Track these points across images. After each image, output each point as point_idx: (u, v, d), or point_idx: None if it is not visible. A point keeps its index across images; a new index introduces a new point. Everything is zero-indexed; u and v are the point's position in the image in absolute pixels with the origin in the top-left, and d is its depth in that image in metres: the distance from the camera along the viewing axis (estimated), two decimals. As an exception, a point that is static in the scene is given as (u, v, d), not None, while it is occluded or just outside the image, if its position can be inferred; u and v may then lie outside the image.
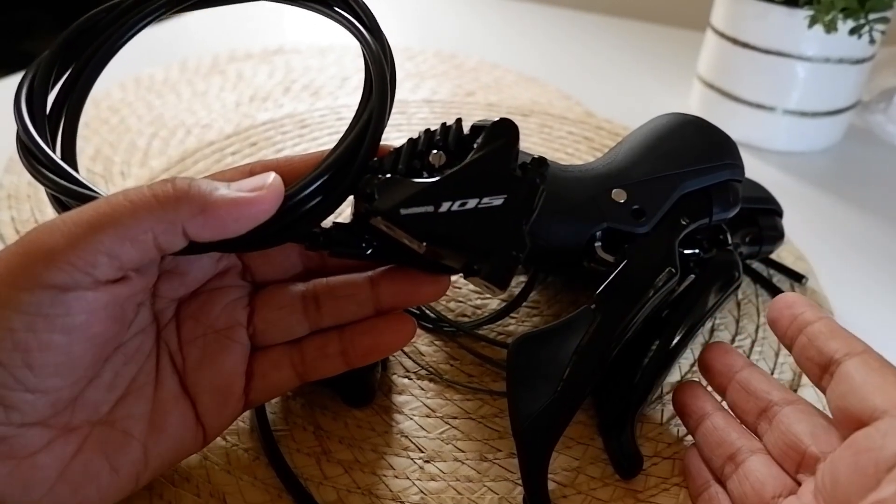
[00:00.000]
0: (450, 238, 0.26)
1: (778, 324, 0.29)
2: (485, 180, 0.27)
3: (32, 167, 0.27)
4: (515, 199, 0.27)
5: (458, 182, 0.27)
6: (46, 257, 0.21)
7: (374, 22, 0.30)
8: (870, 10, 0.50)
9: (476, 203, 0.27)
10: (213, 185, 0.23)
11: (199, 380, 0.27)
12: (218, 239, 0.24)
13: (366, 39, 0.29)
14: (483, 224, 0.26)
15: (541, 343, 0.30)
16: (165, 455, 0.26)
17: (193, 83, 0.65)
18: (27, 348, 0.21)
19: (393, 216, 0.26)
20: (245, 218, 0.23)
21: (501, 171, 0.27)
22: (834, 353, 0.26)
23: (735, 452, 0.28)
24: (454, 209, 0.26)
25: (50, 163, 0.27)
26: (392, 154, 0.28)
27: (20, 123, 0.27)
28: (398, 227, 0.26)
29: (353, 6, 0.30)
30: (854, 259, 0.47)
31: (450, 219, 0.26)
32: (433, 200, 0.26)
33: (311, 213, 0.26)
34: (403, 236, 0.26)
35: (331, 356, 0.28)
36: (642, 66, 0.77)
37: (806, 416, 0.27)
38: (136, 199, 0.22)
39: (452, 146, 0.29)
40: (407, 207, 0.26)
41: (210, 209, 0.23)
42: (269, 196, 0.24)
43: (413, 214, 0.26)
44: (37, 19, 1.48)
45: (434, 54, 0.75)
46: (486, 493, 0.30)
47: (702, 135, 0.35)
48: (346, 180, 0.26)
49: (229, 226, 0.23)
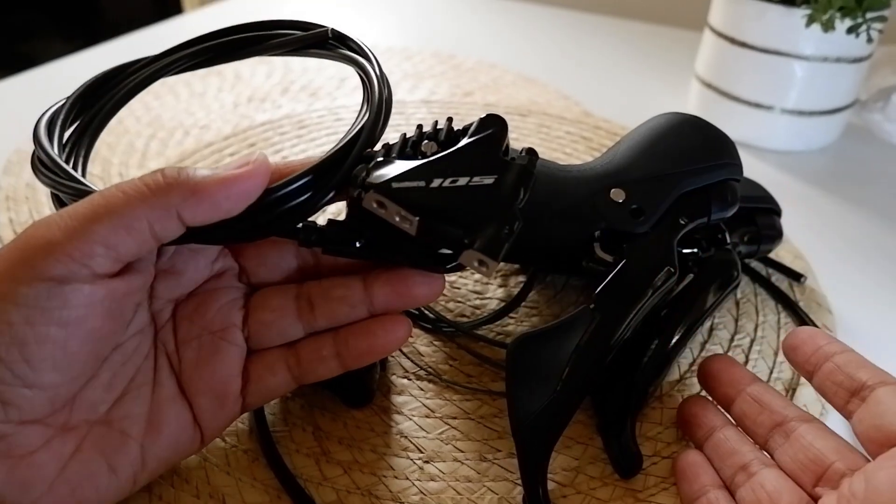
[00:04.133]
0: (442, 211, 0.26)
1: (799, 351, 0.30)
2: (476, 162, 0.28)
3: (42, 173, 0.28)
4: (506, 180, 0.27)
5: (449, 162, 0.27)
6: (44, 250, 0.22)
7: (372, 56, 0.32)
8: (867, 8, 0.50)
9: (467, 181, 0.27)
10: (203, 169, 0.24)
11: (196, 381, 0.27)
12: (213, 220, 0.24)
13: (364, 67, 0.31)
14: (474, 199, 0.27)
15: (540, 343, 0.30)
16: (163, 456, 0.26)
17: (191, 84, 0.65)
18: (24, 342, 0.22)
19: (385, 189, 0.26)
20: (236, 195, 0.24)
21: (491, 156, 0.28)
22: (865, 380, 0.27)
23: (748, 463, 0.28)
24: (445, 185, 0.27)
25: (59, 170, 0.28)
26: (383, 147, 0.29)
27: (37, 143, 0.29)
28: (390, 199, 0.26)
29: (352, 45, 0.33)
30: (852, 258, 0.47)
31: (441, 193, 0.27)
32: (425, 177, 0.27)
33: (305, 204, 0.27)
34: (396, 213, 0.26)
35: (326, 358, 0.28)
36: (640, 66, 0.77)
37: (827, 433, 0.28)
38: (129, 189, 0.23)
39: (443, 138, 0.29)
40: (399, 181, 0.26)
41: (201, 190, 0.23)
42: (256, 170, 0.24)
43: (405, 188, 0.26)
44: (35, 21, 1.48)
45: (432, 54, 0.75)
46: (486, 493, 0.30)
47: (700, 134, 0.35)
48: (340, 173, 0.27)
49: (222, 204, 0.24)
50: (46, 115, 0.31)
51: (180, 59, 0.34)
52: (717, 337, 0.38)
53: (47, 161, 0.28)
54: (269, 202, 0.26)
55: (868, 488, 0.23)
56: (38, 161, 0.29)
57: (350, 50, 0.33)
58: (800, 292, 0.42)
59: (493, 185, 0.27)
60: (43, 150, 0.29)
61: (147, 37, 0.78)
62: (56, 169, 0.28)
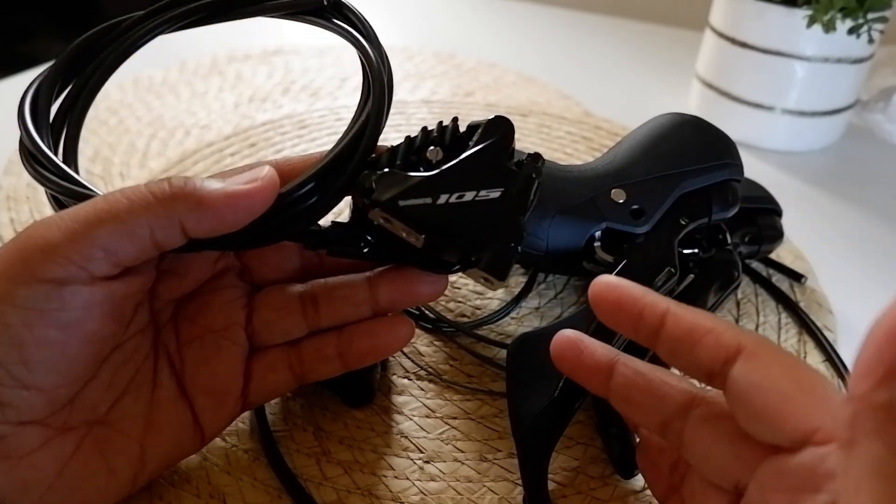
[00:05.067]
0: (448, 229, 0.26)
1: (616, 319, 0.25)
2: (482, 174, 0.27)
3: (34, 170, 0.27)
4: (512, 193, 0.27)
5: (455, 175, 0.27)
6: (43, 251, 0.22)
7: (370, 30, 0.30)
8: (868, 9, 0.50)
9: (473, 195, 0.27)
10: (209, 180, 0.24)
11: (197, 380, 0.27)
12: (216, 234, 0.24)
13: (363, 47, 0.29)
14: (481, 216, 0.27)
15: (540, 343, 0.30)
16: (163, 456, 0.26)
17: (192, 84, 0.65)
18: (23, 343, 0.21)
19: (391, 207, 0.26)
20: (242, 210, 0.24)
21: (498, 165, 0.28)
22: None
23: None
24: (452, 201, 0.27)
25: (51, 165, 0.27)
26: (389, 151, 0.28)
27: (24, 129, 0.28)
28: (397, 218, 0.26)
29: (350, 16, 0.31)
30: (853, 258, 0.47)
31: (448, 210, 0.26)
32: (431, 192, 0.27)
33: (309, 211, 0.26)
34: (402, 229, 0.26)
35: (328, 358, 0.28)
36: (641, 66, 0.77)
37: None
38: (134, 195, 0.23)
39: (448, 143, 0.29)
40: (405, 199, 0.26)
41: (206, 203, 0.23)
42: (264, 187, 0.24)
43: (412, 206, 0.26)
44: (35, 21, 1.48)
45: (433, 54, 0.75)
46: (486, 493, 0.30)
47: (701, 134, 0.35)
48: (343, 178, 0.27)
49: (227, 218, 0.24)
50: (30, 95, 0.29)
51: (175, 18, 0.32)
52: (717, 337, 0.38)
53: (32, 149, 0.27)
54: (275, 211, 0.25)
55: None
56: (26, 153, 0.27)
57: (350, 24, 0.31)
58: (800, 293, 0.42)
59: (499, 199, 0.27)
60: (30, 138, 0.27)
61: (148, 36, 0.78)
62: (44, 160, 0.27)
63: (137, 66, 0.67)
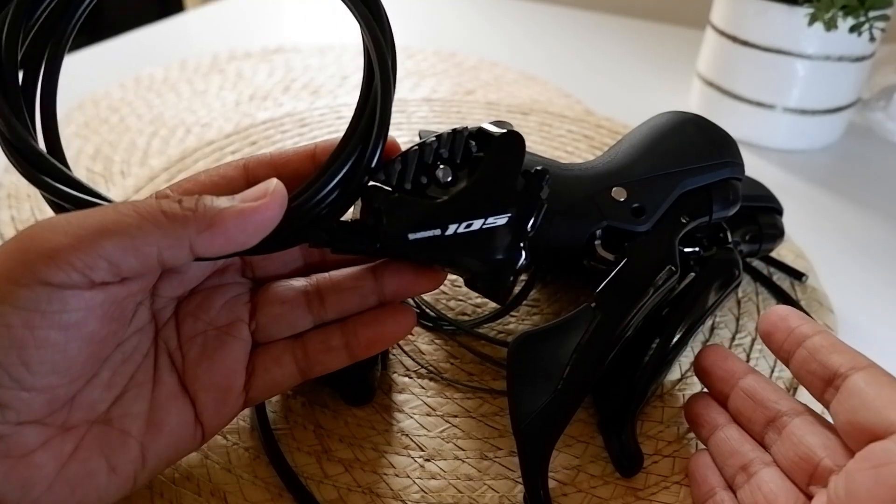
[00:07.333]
0: (453, 258, 0.27)
1: (773, 337, 0.29)
2: (491, 198, 0.28)
3: (26, 171, 0.26)
4: (518, 217, 0.28)
5: (465, 202, 0.27)
6: (47, 255, 0.21)
7: (376, 3, 0.28)
8: (870, 7, 0.50)
9: (481, 224, 0.27)
10: (219, 199, 0.24)
11: (199, 377, 0.27)
12: (225, 254, 0.24)
13: (367, 18, 0.28)
14: (486, 244, 0.27)
15: (541, 341, 0.30)
16: (163, 454, 0.26)
17: (193, 82, 0.65)
18: (23, 345, 0.21)
19: (401, 241, 0.27)
20: (252, 228, 0.24)
21: (506, 188, 0.28)
22: (838, 366, 0.26)
23: (748, 463, 0.28)
24: (461, 231, 0.27)
25: (45, 164, 0.26)
26: (399, 161, 0.28)
27: (6, 126, 0.25)
28: (406, 252, 0.27)
29: None
30: (854, 257, 0.47)
31: (455, 241, 0.27)
32: (440, 223, 0.27)
33: (323, 217, 0.26)
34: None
35: (334, 349, 0.29)
36: (642, 64, 0.77)
37: (817, 426, 0.27)
38: (145, 211, 0.22)
39: (459, 160, 0.29)
40: (415, 232, 0.27)
41: (217, 224, 0.23)
42: (273, 203, 0.24)
43: (421, 239, 0.27)
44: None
45: (434, 53, 0.75)
46: (487, 491, 0.30)
47: (702, 133, 0.35)
48: (356, 180, 0.27)
49: (238, 238, 0.23)
50: None
51: None
52: (718, 336, 0.38)
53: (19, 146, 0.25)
54: (293, 217, 0.25)
55: (848, 491, 0.23)
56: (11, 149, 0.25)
57: None
58: (801, 291, 0.42)
59: (505, 225, 0.28)
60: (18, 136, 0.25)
61: (148, 35, 0.78)
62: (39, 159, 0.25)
63: (138, 65, 0.67)
